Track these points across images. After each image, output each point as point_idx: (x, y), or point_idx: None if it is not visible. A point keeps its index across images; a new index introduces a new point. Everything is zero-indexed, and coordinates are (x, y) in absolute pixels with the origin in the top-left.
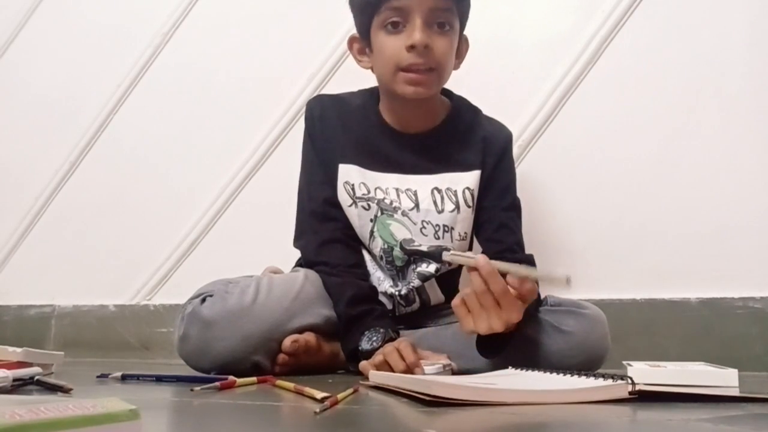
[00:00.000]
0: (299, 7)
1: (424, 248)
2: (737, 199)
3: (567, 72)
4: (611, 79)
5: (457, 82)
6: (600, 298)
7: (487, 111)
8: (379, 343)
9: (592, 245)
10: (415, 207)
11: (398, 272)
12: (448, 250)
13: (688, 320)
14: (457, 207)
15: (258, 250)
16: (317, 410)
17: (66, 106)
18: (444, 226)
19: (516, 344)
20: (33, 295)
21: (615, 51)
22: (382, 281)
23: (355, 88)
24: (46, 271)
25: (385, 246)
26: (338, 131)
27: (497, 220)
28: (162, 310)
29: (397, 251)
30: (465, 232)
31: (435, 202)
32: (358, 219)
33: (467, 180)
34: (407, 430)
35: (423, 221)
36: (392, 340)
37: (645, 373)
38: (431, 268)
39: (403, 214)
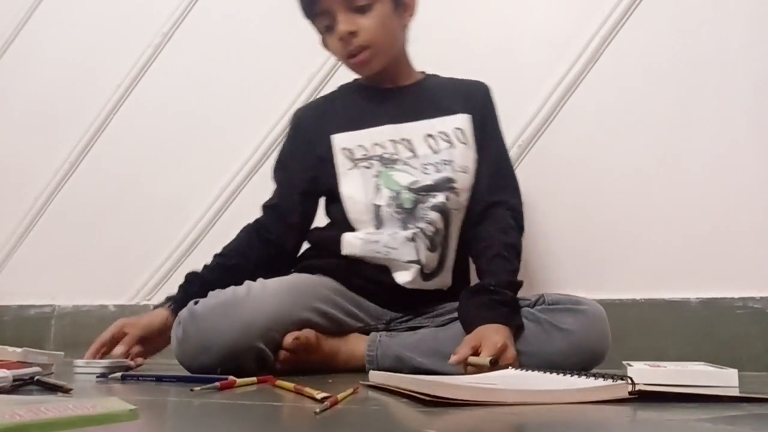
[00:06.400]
0: (299, 7)
1: (430, 182)
2: (737, 199)
3: (567, 72)
4: (611, 79)
5: None
6: (600, 298)
7: None
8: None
9: (592, 245)
10: (413, 155)
11: (408, 214)
12: (454, 185)
13: (688, 320)
14: (450, 143)
15: None
16: (317, 410)
17: (66, 106)
18: (443, 161)
19: (516, 347)
20: (33, 295)
21: (615, 51)
22: (394, 235)
23: None
24: (46, 271)
25: (392, 194)
26: (326, 113)
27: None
28: None
29: (404, 193)
30: (465, 165)
31: (430, 146)
32: (362, 178)
33: (456, 121)
34: (407, 430)
35: (423, 164)
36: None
37: (645, 373)
38: (440, 198)
39: (404, 163)
